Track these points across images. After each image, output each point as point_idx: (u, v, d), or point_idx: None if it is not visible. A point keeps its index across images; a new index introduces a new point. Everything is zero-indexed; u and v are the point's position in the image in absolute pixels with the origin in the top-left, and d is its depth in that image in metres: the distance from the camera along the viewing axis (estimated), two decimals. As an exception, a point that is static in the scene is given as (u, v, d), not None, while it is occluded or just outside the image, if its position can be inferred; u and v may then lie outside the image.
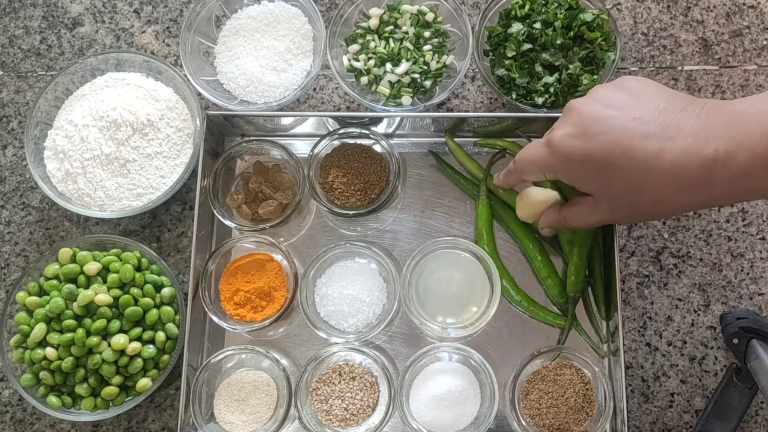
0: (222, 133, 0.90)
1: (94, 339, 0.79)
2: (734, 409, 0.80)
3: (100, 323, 0.79)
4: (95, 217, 0.90)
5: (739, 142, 0.53)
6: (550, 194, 0.78)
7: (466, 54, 0.85)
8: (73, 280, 0.83)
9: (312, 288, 0.83)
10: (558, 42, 0.82)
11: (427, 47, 0.87)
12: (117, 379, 0.80)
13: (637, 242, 0.86)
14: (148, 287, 0.83)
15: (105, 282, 0.83)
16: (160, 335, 0.82)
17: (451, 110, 0.91)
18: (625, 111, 0.58)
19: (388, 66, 0.87)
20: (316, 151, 0.85)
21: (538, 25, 0.83)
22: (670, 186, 0.56)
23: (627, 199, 0.60)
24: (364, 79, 0.88)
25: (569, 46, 0.83)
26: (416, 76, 0.87)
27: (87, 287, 0.82)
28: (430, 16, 0.88)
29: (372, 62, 0.88)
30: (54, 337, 0.80)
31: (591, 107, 0.59)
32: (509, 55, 0.83)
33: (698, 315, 0.84)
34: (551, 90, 0.83)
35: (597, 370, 0.78)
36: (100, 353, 0.80)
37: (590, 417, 0.78)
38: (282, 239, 0.87)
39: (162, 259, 0.85)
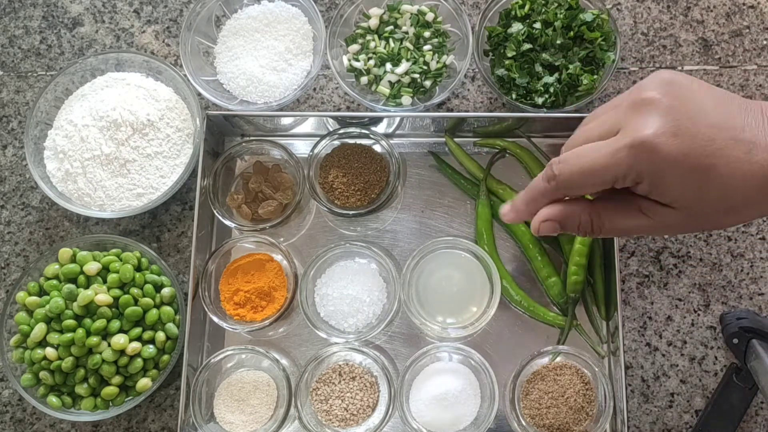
0: (222, 133, 0.90)
1: (94, 339, 0.79)
2: (734, 409, 0.80)
3: (100, 323, 0.79)
4: (95, 217, 0.90)
5: None
6: None
7: (466, 54, 0.85)
8: (73, 280, 0.83)
9: (312, 288, 0.83)
10: (558, 42, 0.82)
11: (427, 47, 0.87)
12: (117, 379, 0.80)
13: (637, 242, 0.86)
14: (148, 287, 0.83)
15: (105, 282, 0.83)
16: (160, 335, 0.82)
17: (451, 110, 0.91)
18: (715, 105, 0.51)
19: (388, 66, 0.87)
20: (316, 151, 0.85)
21: (538, 25, 0.83)
22: (760, 191, 0.50)
23: (715, 206, 0.51)
24: (364, 79, 0.88)
25: (569, 46, 0.83)
26: (416, 76, 0.87)
27: (87, 287, 0.82)
28: (430, 16, 0.88)
29: (372, 62, 0.88)
30: (54, 337, 0.80)
31: (678, 94, 0.51)
32: (509, 55, 0.83)
33: (698, 315, 0.84)
34: (551, 90, 0.83)
35: (597, 370, 0.78)
36: (100, 353, 0.80)
37: (590, 417, 0.78)
38: (282, 239, 0.87)
39: (162, 259, 0.85)
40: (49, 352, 0.80)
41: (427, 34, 0.88)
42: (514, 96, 0.84)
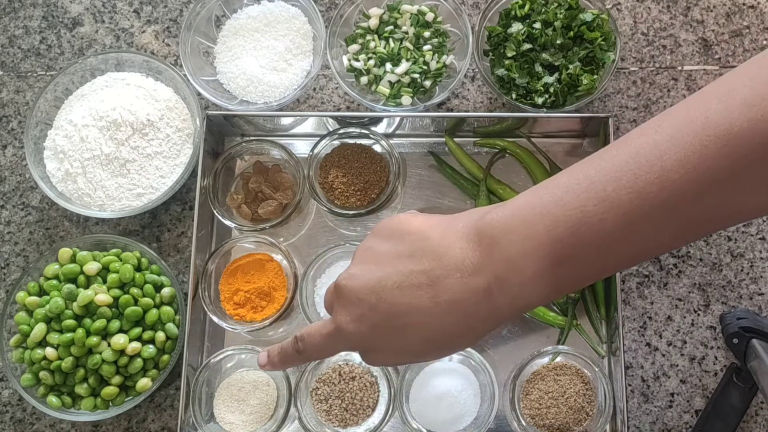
0: (222, 133, 0.90)
1: (94, 339, 0.79)
2: (734, 409, 0.80)
3: (100, 323, 0.79)
4: (95, 217, 0.90)
5: (505, 264, 0.49)
6: None
7: (466, 54, 0.85)
8: (73, 280, 0.83)
9: (312, 288, 0.83)
10: (558, 42, 0.82)
11: (427, 47, 0.87)
12: (117, 379, 0.80)
13: (637, 242, 0.86)
14: (148, 287, 0.83)
15: (105, 282, 0.83)
16: (160, 335, 0.82)
17: (451, 110, 0.91)
18: (387, 267, 0.53)
19: (388, 66, 0.87)
20: (316, 151, 0.85)
21: (538, 25, 0.83)
22: (459, 323, 0.52)
23: (428, 347, 0.55)
24: (364, 79, 0.88)
25: (569, 46, 0.83)
26: (416, 76, 0.87)
27: (87, 287, 0.82)
28: (430, 16, 0.88)
29: (372, 62, 0.88)
30: (54, 337, 0.80)
31: (353, 282, 0.54)
32: (509, 55, 0.83)
33: (698, 315, 0.84)
34: (551, 90, 0.83)
35: (597, 370, 0.78)
36: (100, 353, 0.80)
37: (590, 417, 0.78)
38: (282, 239, 0.87)
39: (162, 259, 0.85)
40: (49, 352, 0.80)
41: (427, 34, 0.88)
42: (514, 96, 0.84)
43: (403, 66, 0.87)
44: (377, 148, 0.87)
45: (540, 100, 0.83)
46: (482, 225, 0.50)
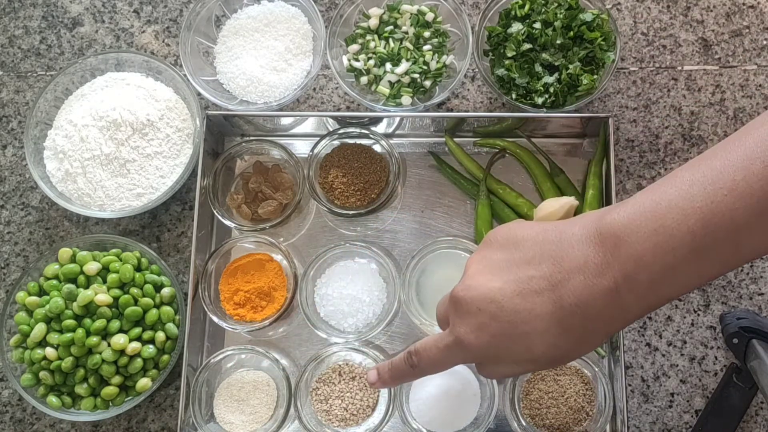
0: (222, 133, 0.90)
1: (94, 339, 0.79)
2: (734, 409, 0.80)
3: (99, 323, 0.79)
4: (95, 217, 0.90)
5: (634, 262, 0.48)
6: (569, 200, 0.79)
7: (465, 54, 0.85)
8: (73, 280, 0.83)
9: (312, 288, 0.83)
10: (558, 42, 0.82)
11: (427, 47, 0.87)
12: (117, 379, 0.80)
13: (637, 242, 0.86)
14: (148, 287, 0.83)
15: (105, 282, 0.83)
16: (160, 335, 0.82)
17: (451, 110, 0.91)
18: (505, 275, 0.54)
19: (388, 66, 0.87)
20: (316, 151, 0.85)
21: (537, 25, 0.83)
22: (584, 326, 0.51)
23: (552, 353, 0.54)
24: (364, 79, 0.88)
25: (569, 46, 0.83)
26: (416, 76, 0.87)
27: (87, 287, 0.82)
28: (429, 16, 0.88)
29: (372, 62, 0.88)
30: (54, 337, 0.80)
31: (471, 292, 0.55)
32: (509, 55, 0.83)
33: (698, 315, 0.84)
34: (551, 90, 0.83)
35: (597, 370, 0.78)
36: (100, 353, 0.80)
37: (590, 417, 0.78)
38: (282, 239, 0.87)
39: (162, 259, 0.85)
40: (49, 352, 0.80)
41: (427, 34, 0.88)
42: (514, 96, 0.84)
43: (403, 66, 0.87)
44: (377, 148, 0.87)
45: (540, 100, 0.83)
46: (603, 226, 0.50)
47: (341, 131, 0.85)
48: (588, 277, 0.50)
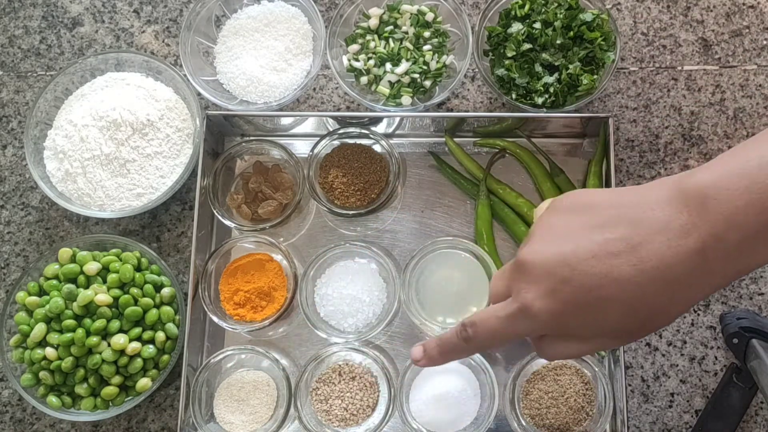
0: (222, 133, 0.90)
1: (94, 339, 0.79)
2: (734, 409, 0.80)
3: (99, 323, 0.79)
4: (95, 217, 0.90)
5: (724, 221, 0.45)
6: None
7: (465, 54, 0.85)
8: (73, 280, 0.83)
9: (312, 288, 0.83)
10: (558, 42, 0.82)
11: (427, 47, 0.87)
12: (117, 379, 0.80)
13: (637, 242, 0.86)
14: (148, 287, 0.83)
15: (105, 282, 0.83)
16: (160, 335, 0.82)
17: (451, 110, 0.91)
18: (577, 238, 0.50)
19: (388, 66, 0.87)
20: (316, 151, 0.85)
21: (537, 25, 0.83)
22: (666, 292, 0.48)
23: (627, 322, 0.50)
24: (364, 79, 0.88)
25: (569, 46, 0.83)
26: (416, 76, 0.87)
27: (87, 287, 0.82)
28: (429, 16, 0.88)
29: (372, 62, 0.88)
30: (54, 337, 0.80)
31: (540, 255, 0.51)
32: (509, 55, 0.83)
33: (698, 315, 0.84)
34: (551, 90, 0.83)
35: (597, 370, 0.78)
36: (100, 353, 0.80)
37: (590, 417, 0.78)
38: (282, 239, 0.87)
39: (162, 259, 0.85)
40: (49, 352, 0.80)
41: (427, 34, 0.88)
42: (514, 96, 0.84)
43: (403, 66, 0.87)
44: (377, 148, 0.87)
45: (540, 100, 0.83)
46: (688, 185, 0.47)
47: (341, 131, 0.85)
48: (671, 239, 0.46)
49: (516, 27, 0.84)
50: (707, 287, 0.48)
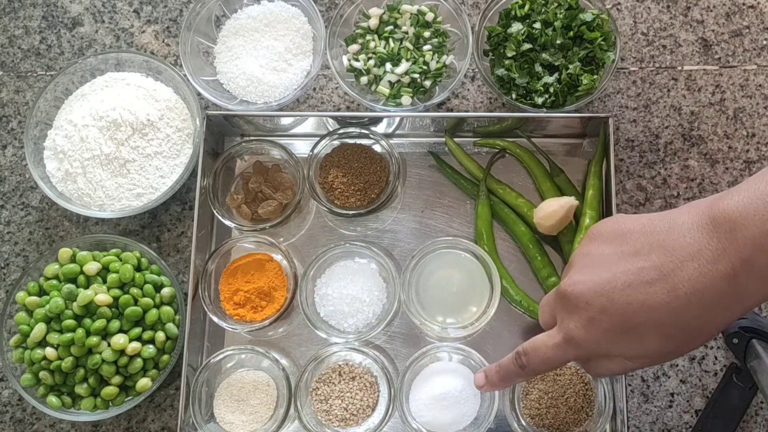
0: (222, 133, 0.90)
1: (94, 339, 0.79)
2: (734, 409, 0.80)
3: (99, 323, 0.79)
4: (95, 217, 0.90)
5: (752, 246, 0.47)
6: (569, 200, 0.79)
7: (465, 54, 0.85)
8: (72, 280, 0.83)
9: (312, 288, 0.83)
10: (558, 42, 0.82)
11: (426, 47, 0.87)
12: (117, 379, 0.80)
13: (637, 242, 0.86)
14: (148, 287, 0.83)
15: (105, 282, 0.83)
16: (160, 335, 0.82)
17: (451, 110, 0.91)
18: (613, 267, 0.52)
19: (388, 66, 0.87)
20: (315, 151, 0.85)
21: (537, 25, 0.83)
22: (700, 316, 0.50)
23: (665, 346, 0.53)
24: (364, 79, 0.88)
25: (569, 46, 0.83)
26: (416, 76, 0.87)
27: (87, 287, 0.82)
28: (429, 16, 0.88)
29: (372, 62, 0.88)
30: (54, 337, 0.80)
31: (579, 287, 0.54)
32: (509, 55, 0.83)
33: (698, 315, 0.84)
34: (551, 90, 0.83)
35: (597, 370, 0.78)
36: (100, 353, 0.80)
37: (590, 417, 0.78)
38: (282, 239, 0.87)
39: (162, 259, 0.85)
40: (49, 352, 0.80)
41: (427, 34, 0.88)
42: (514, 96, 0.84)
43: (403, 66, 0.87)
44: (377, 148, 0.87)
45: (540, 100, 0.83)
46: (717, 212, 0.49)
47: (341, 131, 0.85)
48: (703, 264, 0.48)
49: (516, 27, 0.84)
50: (740, 308, 0.50)
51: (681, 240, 0.50)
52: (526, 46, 0.83)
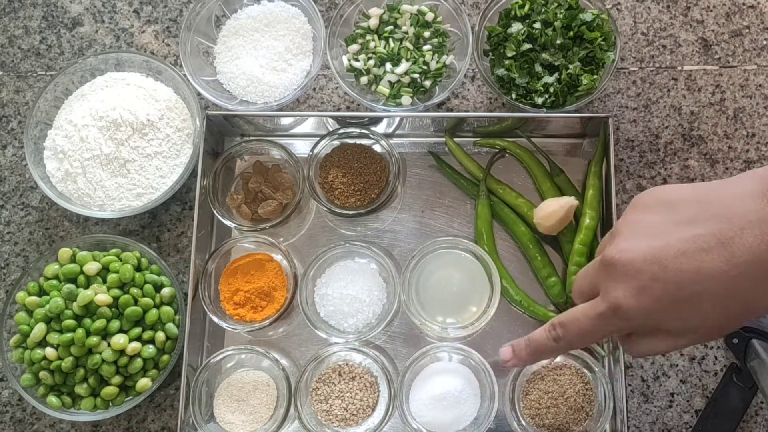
0: (222, 133, 0.90)
1: (94, 339, 0.79)
2: (734, 409, 0.80)
3: (99, 323, 0.79)
4: (95, 217, 0.90)
5: None
6: (568, 200, 0.79)
7: (465, 54, 0.85)
8: (72, 280, 0.83)
9: (312, 288, 0.83)
10: (558, 42, 0.82)
11: (426, 47, 0.87)
12: (117, 379, 0.80)
13: (637, 242, 0.86)
14: (148, 287, 0.83)
15: (105, 282, 0.83)
16: (160, 335, 0.82)
17: (451, 110, 0.91)
18: (665, 235, 0.50)
19: (388, 66, 0.87)
20: (315, 151, 0.85)
21: (537, 25, 0.83)
22: (758, 286, 0.48)
23: (720, 317, 0.50)
24: (364, 79, 0.88)
25: (569, 46, 0.83)
26: (416, 76, 0.87)
27: (87, 287, 0.82)
28: (429, 16, 0.88)
29: (372, 62, 0.88)
30: (54, 337, 0.80)
31: (627, 254, 0.51)
32: (509, 55, 0.83)
33: (698, 315, 0.84)
34: (551, 90, 0.83)
35: (597, 370, 0.78)
36: (100, 353, 0.80)
37: (590, 417, 0.78)
38: (282, 239, 0.87)
39: (162, 259, 0.85)
40: (49, 352, 0.80)
41: (426, 34, 0.88)
42: (513, 96, 0.84)
43: (403, 66, 0.87)
44: (377, 148, 0.87)
45: (540, 100, 0.83)
46: (757, 181, 0.47)
47: (341, 131, 0.85)
48: (765, 232, 0.46)
49: (516, 27, 0.84)
50: None
51: (741, 207, 0.48)
52: (526, 46, 0.83)
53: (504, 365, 0.61)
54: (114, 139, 0.86)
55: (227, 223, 0.85)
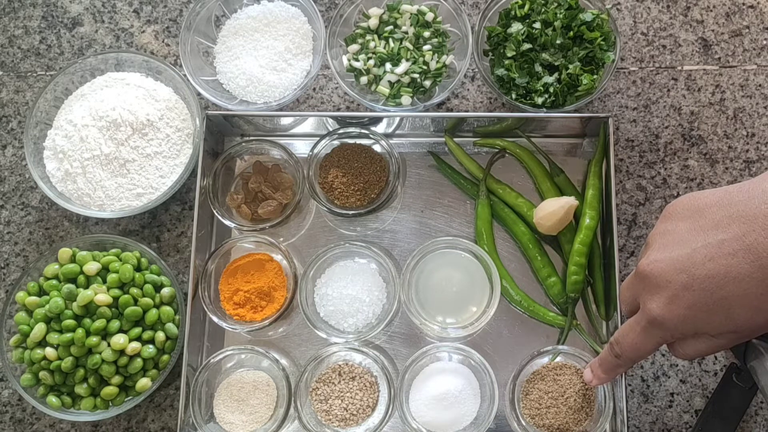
0: (222, 133, 0.90)
1: (94, 339, 0.79)
2: (734, 409, 0.80)
3: (99, 323, 0.79)
4: (95, 217, 0.90)
5: None
6: (568, 200, 0.79)
7: (465, 54, 0.85)
8: (72, 280, 0.83)
9: (312, 288, 0.84)
10: (558, 42, 0.82)
11: (426, 47, 0.87)
12: (117, 379, 0.80)
13: (637, 242, 0.86)
14: (148, 287, 0.83)
15: (105, 282, 0.83)
16: (160, 335, 0.82)
17: (451, 110, 0.91)
18: (692, 243, 0.51)
19: (388, 66, 0.87)
20: (315, 151, 0.85)
21: (537, 25, 0.83)
22: None
23: (753, 318, 0.51)
24: (364, 79, 0.88)
25: (569, 46, 0.83)
26: (416, 76, 0.87)
27: (87, 287, 0.82)
28: (429, 16, 0.88)
29: (372, 62, 0.88)
30: (54, 337, 0.80)
31: (658, 265, 0.53)
32: (509, 55, 0.83)
33: (698, 315, 0.84)
34: (551, 90, 0.83)
35: (597, 370, 0.78)
36: (100, 353, 0.80)
37: (590, 417, 0.78)
38: (282, 239, 0.87)
39: (162, 259, 0.85)
40: (49, 352, 0.80)
41: (426, 34, 0.88)
42: (513, 96, 0.84)
43: (403, 66, 0.87)
44: (377, 148, 0.87)
45: (540, 100, 0.83)
46: None
47: (341, 131, 0.85)
48: None
49: (516, 27, 0.84)
50: None
51: (763, 209, 0.48)
52: (526, 46, 0.83)
53: (589, 385, 0.66)
54: (114, 139, 0.86)
55: (227, 223, 0.85)
